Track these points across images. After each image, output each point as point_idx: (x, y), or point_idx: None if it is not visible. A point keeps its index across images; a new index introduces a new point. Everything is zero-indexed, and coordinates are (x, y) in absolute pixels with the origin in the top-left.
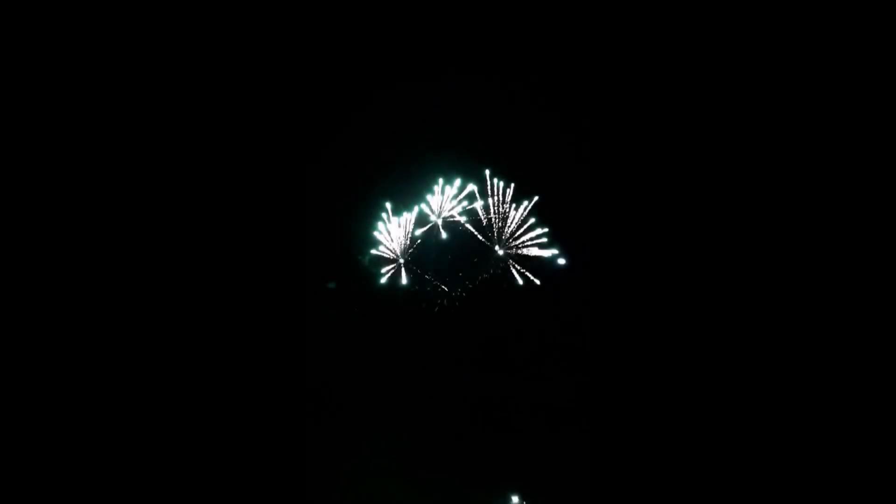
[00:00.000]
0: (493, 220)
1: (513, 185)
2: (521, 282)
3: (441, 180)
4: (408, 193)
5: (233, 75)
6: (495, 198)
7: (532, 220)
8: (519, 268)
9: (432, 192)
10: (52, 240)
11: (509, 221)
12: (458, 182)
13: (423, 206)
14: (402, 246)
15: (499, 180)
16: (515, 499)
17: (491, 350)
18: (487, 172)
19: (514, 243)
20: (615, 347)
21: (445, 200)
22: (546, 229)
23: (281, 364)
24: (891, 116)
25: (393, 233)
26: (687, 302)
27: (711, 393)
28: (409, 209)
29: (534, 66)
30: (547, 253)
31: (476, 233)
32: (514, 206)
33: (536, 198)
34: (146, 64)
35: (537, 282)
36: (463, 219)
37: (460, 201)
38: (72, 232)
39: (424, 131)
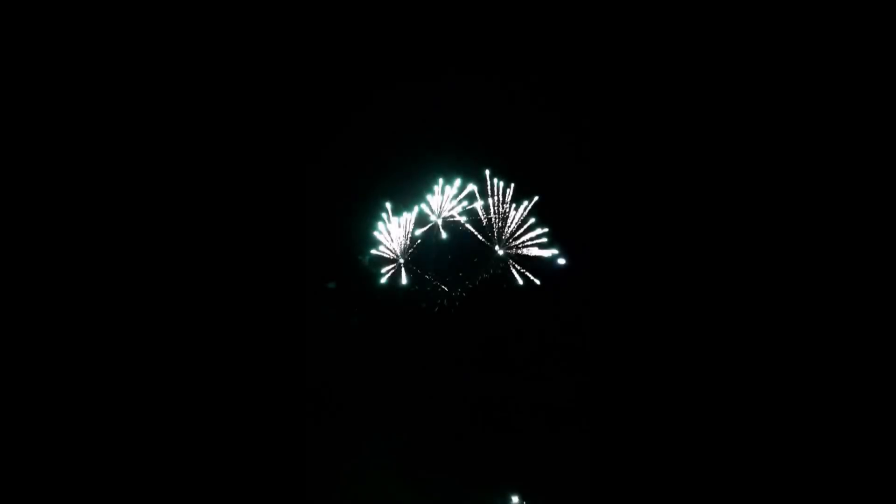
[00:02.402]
0: (493, 220)
1: (513, 185)
2: (521, 282)
3: (441, 180)
4: (408, 193)
5: (233, 76)
6: (495, 198)
7: (532, 220)
8: (519, 268)
9: (432, 192)
10: (53, 240)
11: (509, 221)
12: (458, 182)
13: (423, 206)
14: (402, 246)
15: (499, 180)
16: (515, 499)
17: (491, 350)
18: (487, 172)
19: (514, 243)
20: (615, 347)
21: (445, 200)
22: (546, 229)
23: (281, 364)
24: (891, 116)
25: (393, 233)
26: (687, 302)
27: (711, 393)
28: (409, 209)
29: (534, 66)
30: (547, 253)
31: (476, 233)
32: (514, 206)
33: (536, 198)
34: (146, 65)
35: (537, 282)
36: (463, 219)
37: (460, 201)
38: (72, 232)
39: (424, 131)
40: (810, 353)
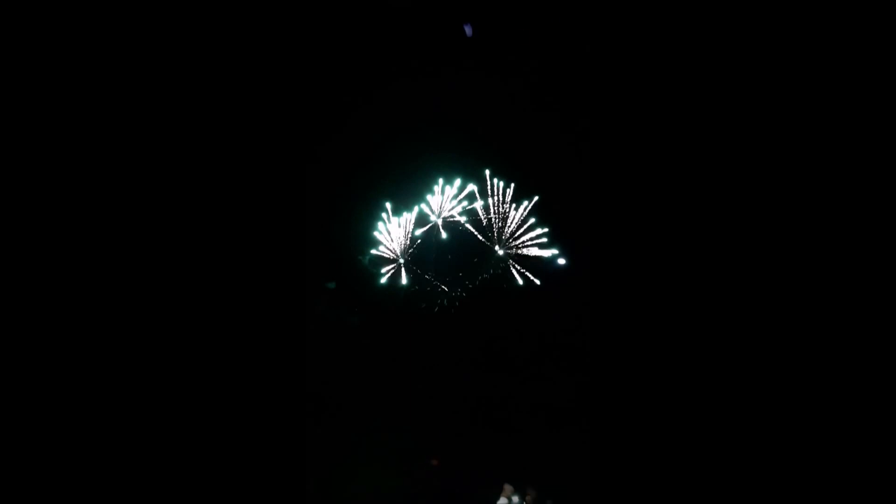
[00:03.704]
0: (493, 220)
1: (513, 185)
2: (521, 282)
3: (441, 180)
4: (408, 193)
5: (232, 75)
6: (495, 198)
7: (532, 220)
8: (519, 268)
9: (432, 192)
10: (52, 240)
11: (509, 221)
12: (458, 182)
13: (423, 206)
14: (402, 246)
15: (499, 180)
16: (515, 499)
17: (491, 350)
18: (487, 172)
19: (514, 243)
20: (615, 347)
21: (445, 200)
22: (546, 229)
23: (281, 364)
24: (891, 116)
25: (393, 233)
26: (687, 302)
27: (712, 393)
28: (409, 209)
29: (534, 66)
30: (547, 253)
31: (476, 233)
32: (514, 206)
33: (536, 198)
34: (144, 63)
35: (537, 282)
36: (463, 219)
37: (460, 201)
38: (71, 232)
39: (424, 131)
40: (811, 354)
